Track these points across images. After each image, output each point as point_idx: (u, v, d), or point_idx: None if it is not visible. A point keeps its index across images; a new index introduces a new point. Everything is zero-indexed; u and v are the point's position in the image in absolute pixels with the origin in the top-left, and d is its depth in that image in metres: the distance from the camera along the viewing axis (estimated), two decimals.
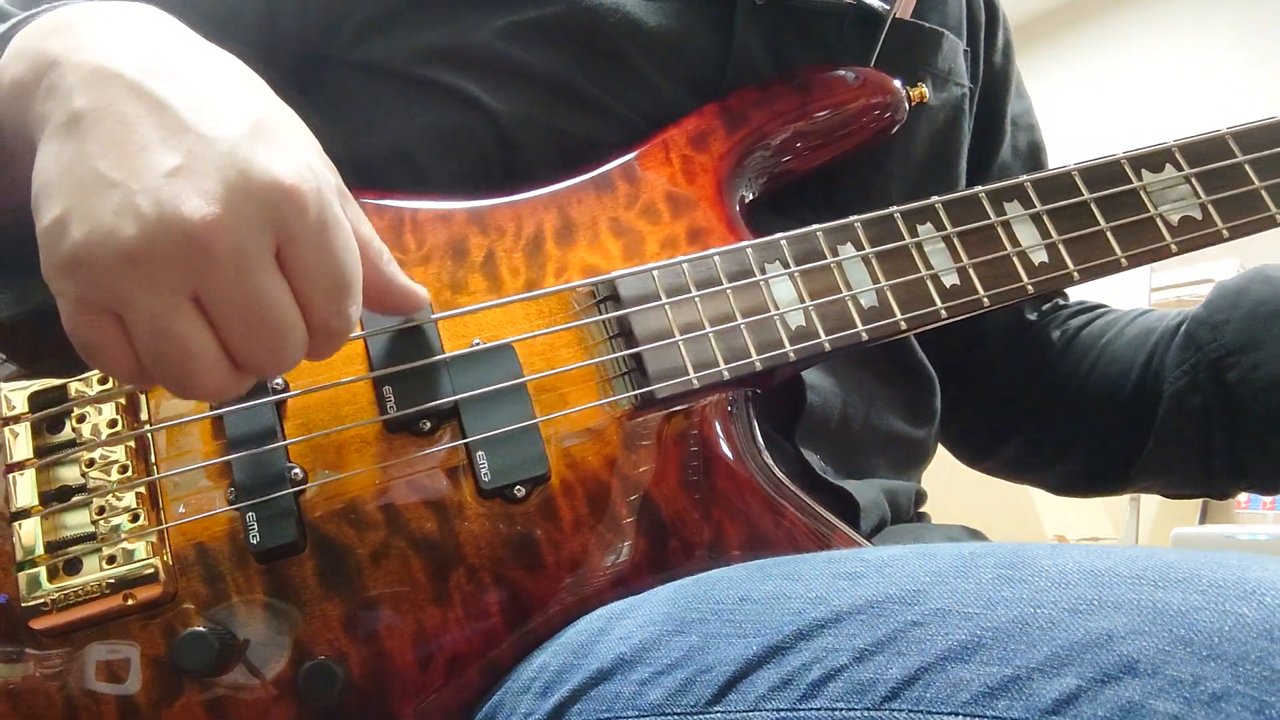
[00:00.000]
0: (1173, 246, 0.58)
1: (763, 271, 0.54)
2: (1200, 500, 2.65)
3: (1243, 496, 2.64)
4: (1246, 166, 0.59)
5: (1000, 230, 0.56)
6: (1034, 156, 0.79)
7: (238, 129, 0.38)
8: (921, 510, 0.71)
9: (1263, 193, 0.59)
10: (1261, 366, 0.64)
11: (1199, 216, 0.58)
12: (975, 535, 0.69)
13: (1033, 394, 0.75)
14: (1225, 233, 0.59)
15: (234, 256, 0.36)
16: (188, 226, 0.36)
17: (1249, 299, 0.66)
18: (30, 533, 0.47)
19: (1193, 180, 0.59)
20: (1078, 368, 0.75)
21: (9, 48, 0.42)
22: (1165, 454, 0.71)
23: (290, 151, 0.39)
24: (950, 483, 0.86)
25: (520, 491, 0.48)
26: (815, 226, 0.55)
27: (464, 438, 0.49)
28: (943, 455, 0.77)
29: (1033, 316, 0.79)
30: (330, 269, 0.39)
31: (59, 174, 0.37)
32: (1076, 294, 0.81)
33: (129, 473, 0.48)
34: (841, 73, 0.61)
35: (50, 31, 0.41)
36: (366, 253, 0.43)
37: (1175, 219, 0.58)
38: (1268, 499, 2.61)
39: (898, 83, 0.62)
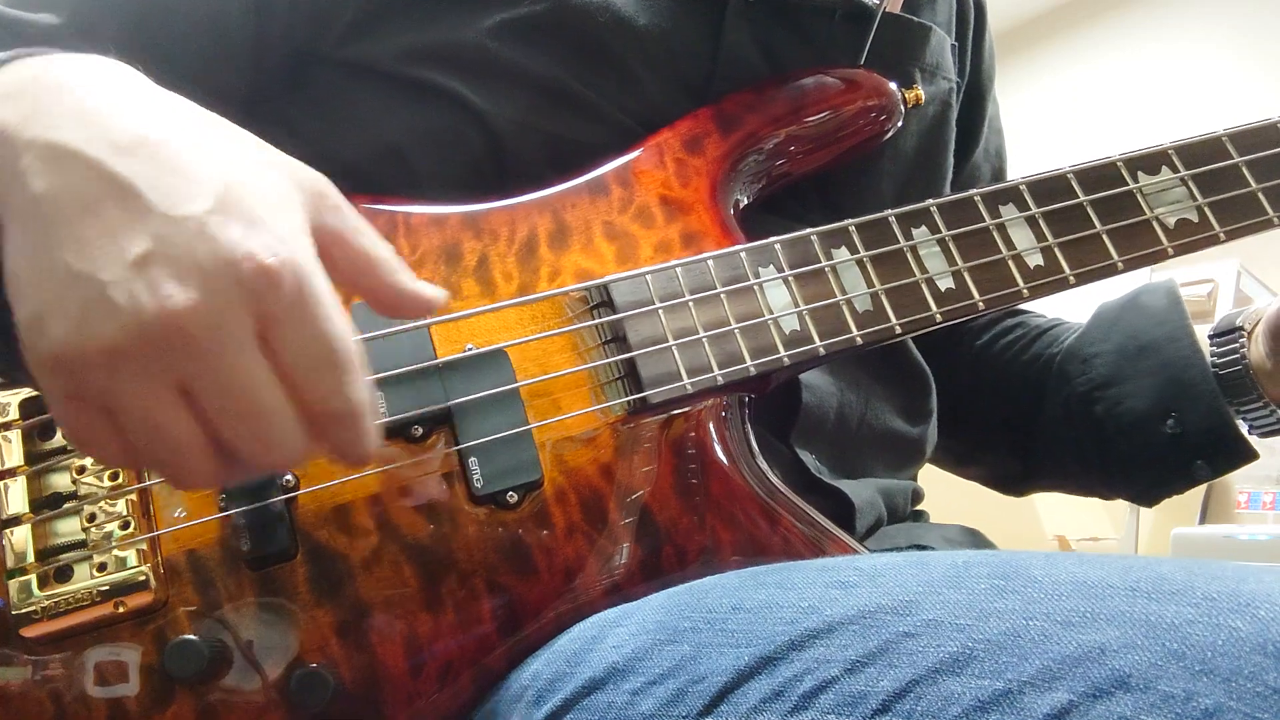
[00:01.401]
0: (1169, 250, 0.58)
1: (756, 276, 0.54)
2: (1200, 500, 2.65)
3: (1242, 496, 2.64)
4: (1243, 168, 0.59)
5: (996, 233, 0.56)
6: (999, 160, 0.81)
7: (204, 205, 0.36)
8: (919, 509, 0.71)
9: (1259, 194, 0.59)
10: (1126, 401, 0.67)
11: (1196, 219, 0.58)
12: (973, 535, 0.69)
13: (944, 403, 0.76)
14: (1222, 235, 0.59)
15: (213, 343, 0.35)
16: (163, 318, 0.34)
17: (1120, 331, 0.69)
18: (21, 540, 0.47)
19: (1189, 182, 0.58)
20: (980, 386, 0.78)
21: None
22: (1048, 473, 0.76)
23: (261, 222, 0.37)
24: (950, 481, 0.86)
25: (513, 497, 0.48)
26: (809, 230, 0.55)
27: (457, 443, 0.49)
28: None
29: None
30: (316, 345, 0.37)
31: (28, 266, 0.36)
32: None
33: (120, 480, 0.47)
34: (837, 75, 0.61)
35: (3, 97, 0.39)
36: (372, 267, 0.41)
37: (1172, 222, 0.58)
38: (1268, 498, 2.60)
39: (893, 85, 0.62)
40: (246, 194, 0.37)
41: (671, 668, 0.40)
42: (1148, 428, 0.66)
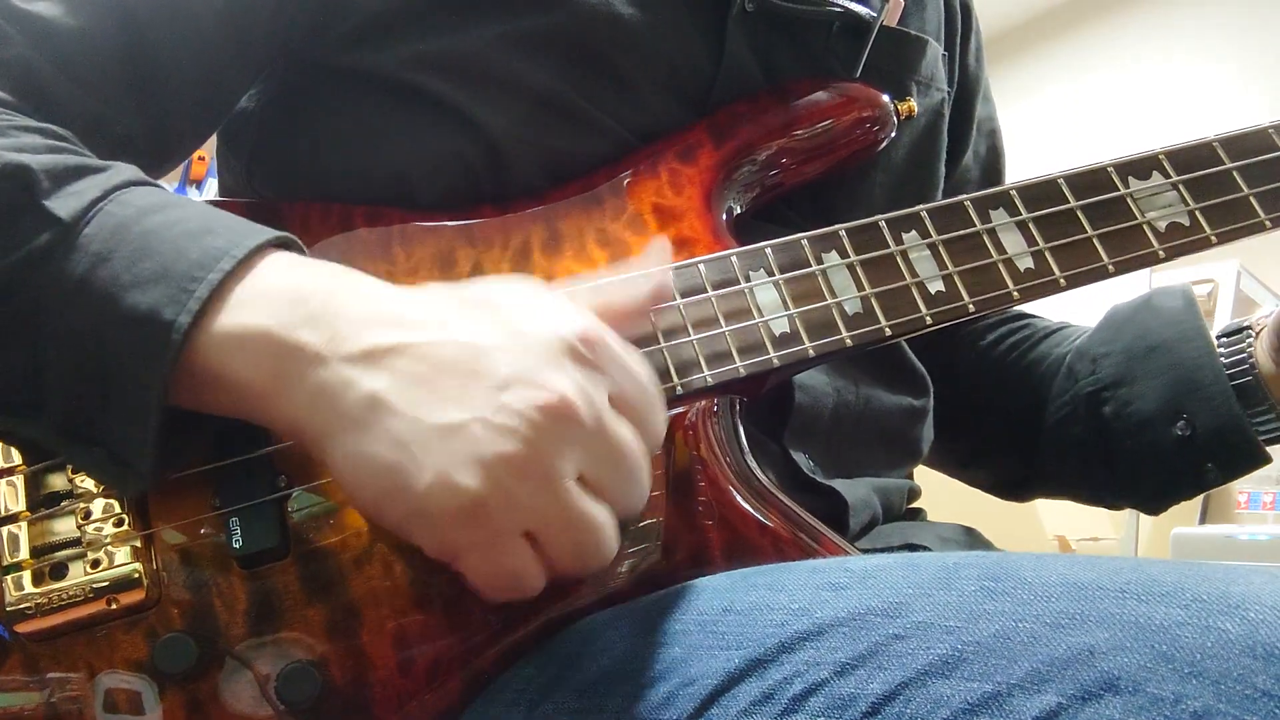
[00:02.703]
0: (1160, 253, 0.58)
1: (747, 279, 0.54)
2: (1200, 500, 2.66)
3: (1242, 496, 2.64)
4: (1234, 173, 0.59)
5: (986, 237, 0.56)
6: (992, 162, 0.80)
7: (517, 312, 0.42)
8: (915, 507, 0.71)
9: (1251, 199, 0.59)
10: (1134, 402, 0.66)
11: (1187, 223, 0.58)
12: (970, 534, 0.69)
13: (945, 404, 0.77)
14: (1213, 239, 0.59)
15: (595, 416, 0.40)
16: (551, 412, 0.39)
17: (1130, 331, 0.68)
18: (17, 538, 0.47)
19: (1180, 187, 0.59)
20: (984, 387, 0.78)
21: (235, 315, 0.41)
22: (1052, 477, 0.75)
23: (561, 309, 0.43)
24: (949, 480, 0.86)
25: None
26: (800, 235, 0.55)
27: None
28: None
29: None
30: (641, 379, 0.43)
31: (399, 452, 0.39)
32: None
33: None
34: (830, 87, 0.61)
35: (284, 315, 0.41)
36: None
37: (1163, 226, 0.58)
38: (1268, 498, 2.60)
39: (886, 97, 0.62)
40: (530, 336, 0.42)
41: (662, 670, 0.40)
42: (1157, 429, 0.65)
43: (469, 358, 0.40)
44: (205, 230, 0.43)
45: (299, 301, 0.42)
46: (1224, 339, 0.65)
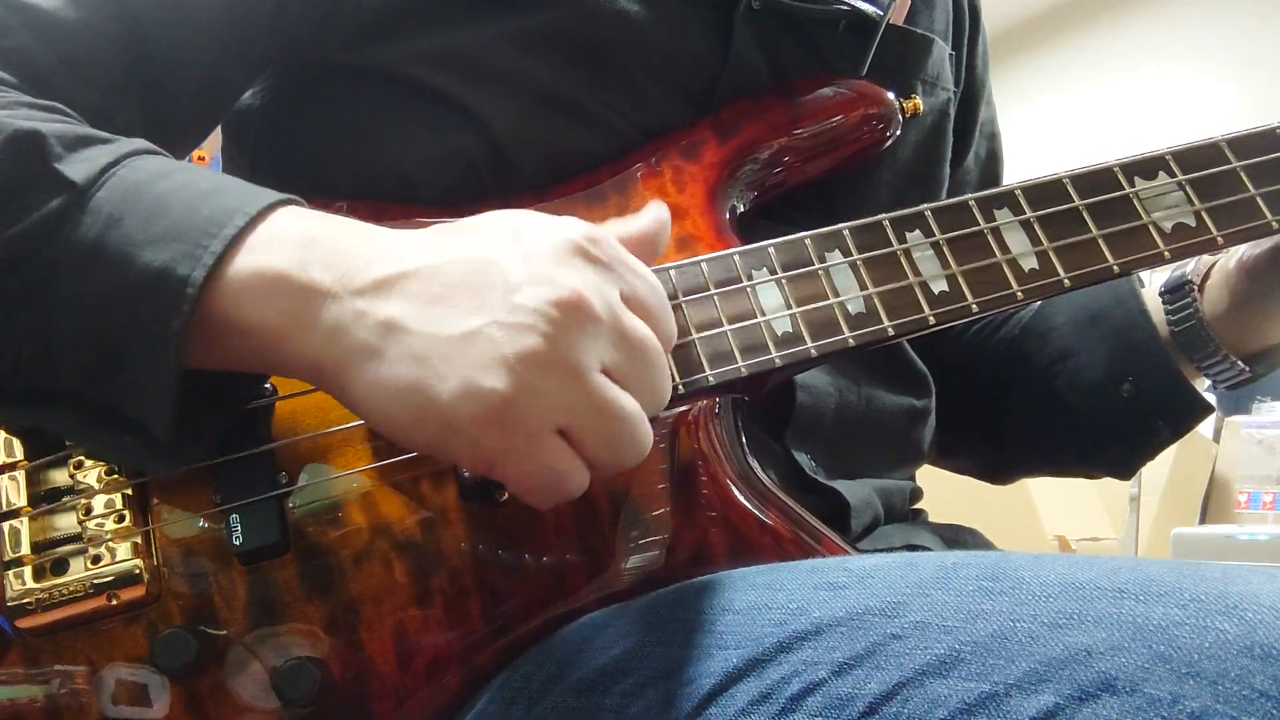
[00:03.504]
0: (1166, 254, 0.57)
1: (750, 278, 0.54)
2: (1200, 500, 2.65)
3: (1242, 496, 2.64)
4: (1241, 173, 0.59)
5: (990, 237, 0.56)
6: (991, 165, 0.80)
7: (516, 226, 0.42)
8: (917, 508, 0.71)
9: (1258, 199, 0.59)
10: (1082, 371, 0.67)
11: (1193, 224, 0.58)
12: (971, 534, 0.69)
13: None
14: (1220, 240, 0.58)
15: (608, 307, 0.40)
16: (565, 305, 0.39)
17: (1071, 302, 0.69)
18: (19, 533, 0.47)
19: (1186, 187, 0.58)
20: (953, 372, 0.77)
21: (248, 262, 0.41)
22: (1024, 457, 0.76)
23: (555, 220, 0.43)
24: (949, 481, 0.86)
25: (503, 495, 0.48)
26: (803, 234, 0.55)
27: None
28: None
29: None
30: (644, 272, 0.44)
31: (419, 368, 0.39)
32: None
33: (116, 475, 0.48)
34: (835, 85, 0.61)
35: (294, 255, 0.41)
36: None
37: (1168, 226, 0.58)
38: (1268, 498, 2.60)
39: (891, 95, 0.62)
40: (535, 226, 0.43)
41: (661, 670, 0.40)
42: (1106, 394, 0.66)
43: (478, 269, 0.40)
44: (217, 190, 0.43)
45: (309, 244, 0.42)
46: (1166, 295, 0.65)
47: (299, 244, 0.42)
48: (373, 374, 0.39)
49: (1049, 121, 3.48)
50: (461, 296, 0.40)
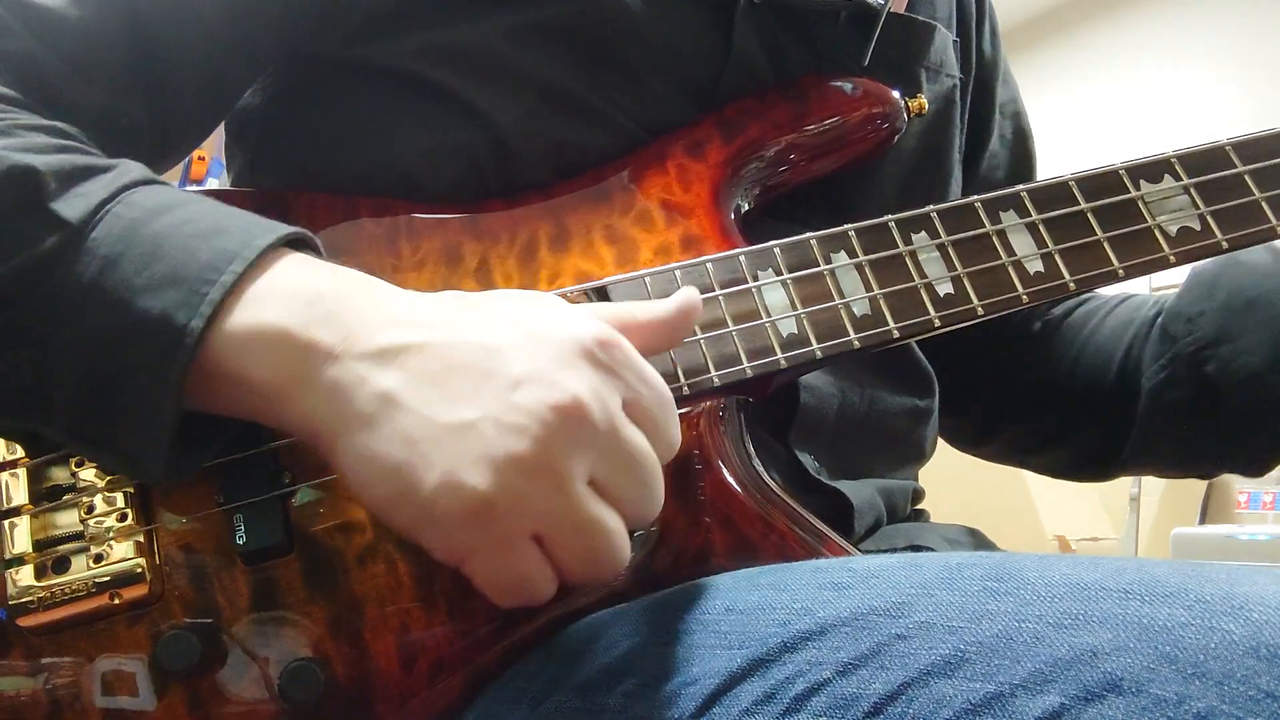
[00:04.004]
0: (1171, 258, 0.57)
1: (755, 279, 0.53)
2: (1200, 500, 2.65)
3: (1242, 496, 2.64)
4: (1246, 177, 0.59)
5: (996, 239, 0.56)
6: (1021, 143, 0.79)
7: (532, 317, 0.42)
8: (919, 508, 0.71)
9: (1263, 204, 0.58)
10: (1239, 358, 0.64)
11: (1198, 227, 0.58)
12: (974, 535, 0.69)
13: (1017, 385, 0.75)
14: (1225, 244, 0.58)
15: (607, 418, 0.39)
16: (562, 411, 0.38)
17: (1224, 287, 0.66)
18: (20, 531, 0.47)
19: (1191, 191, 0.58)
20: (1061, 360, 0.75)
21: (248, 316, 0.41)
22: (1150, 445, 0.71)
23: (574, 314, 0.42)
24: (949, 481, 0.86)
25: None
26: (809, 235, 0.55)
27: None
28: (942, 453, 0.77)
29: None
30: (656, 385, 0.43)
31: (408, 450, 0.38)
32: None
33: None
34: (841, 83, 0.61)
35: (300, 313, 0.41)
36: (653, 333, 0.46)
37: (1174, 230, 0.58)
38: (1268, 498, 2.60)
39: (896, 94, 0.61)
40: (545, 342, 0.41)
41: (665, 669, 0.40)
42: (1265, 382, 0.63)
43: (482, 357, 0.40)
44: (216, 230, 0.43)
45: (314, 301, 0.41)
46: None
47: (304, 299, 0.41)
48: (363, 445, 0.39)
49: (1049, 122, 3.48)
50: (462, 382, 0.39)
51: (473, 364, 0.39)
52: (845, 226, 0.55)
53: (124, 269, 0.41)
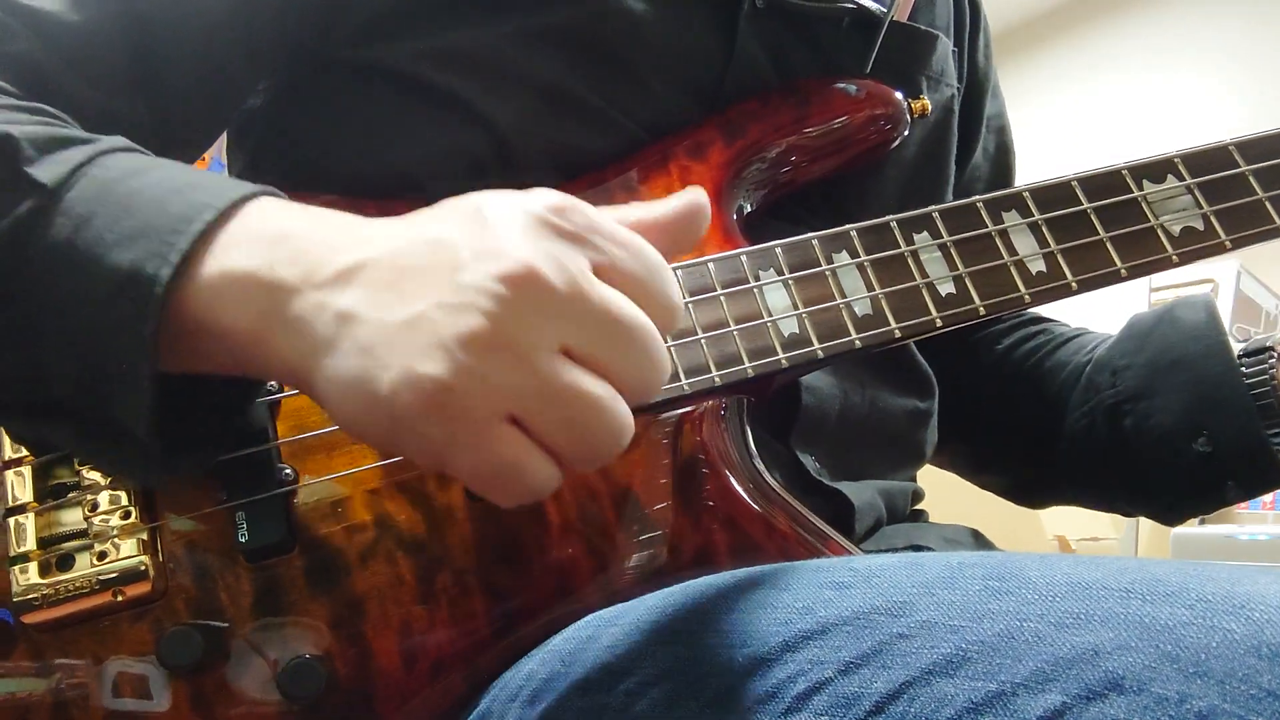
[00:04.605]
0: (1174, 258, 0.57)
1: (756, 279, 0.54)
2: None
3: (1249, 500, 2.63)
4: (1250, 177, 0.59)
5: (998, 239, 0.56)
6: (1002, 158, 0.80)
7: (478, 207, 0.39)
8: (919, 509, 0.71)
9: (1266, 203, 0.59)
10: (1155, 415, 0.66)
11: (1201, 227, 0.58)
12: (974, 535, 0.69)
13: (962, 408, 0.76)
14: (1228, 244, 0.58)
15: (567, 280, 0.36)
16: (511, 279, 0.35)
17: (1153, 344, 0.67)
18: (25, 528, 0.47)
19: (1195, 191, 0.58)
20: (1000, 392, 0.77)
21: (218, 262, 0.40)
22: (1067, 486, 0.75)
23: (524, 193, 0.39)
24: (949, 481, 0.86)
25: None
26: (811, 235, 0.55)
27: None
28: None
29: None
30: (634, 243, 0.39)
31: (364, 358, 0.36)
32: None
33: None
34: (843, 85, 0.61)
35: (265, 252, 0.40)
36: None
37: (1177, 230, 0.58)
38: (1268, 498, 2.60)
39: (899, 95, 0.62)
40: (489, 217, 0.39)
41: (666, 668, 0.40)
42: (1176, 444, 0.64)
43: (430, 251, 0.38)
44: (190, 186, 0.42)
45: (278, 241, 0.40)
46: (1245, 358, 0.64)
47: (269, 240, 0.40)
48: (330, 369, 0.37)
49: (1051, 122, 3.48)
50: (412, 281, 0.37)
51: (421, 261, 0.38)
52: (847, 226, 0.55)
53: (96, 226, 0.40)
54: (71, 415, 0.42)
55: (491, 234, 0.37)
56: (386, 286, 0.37)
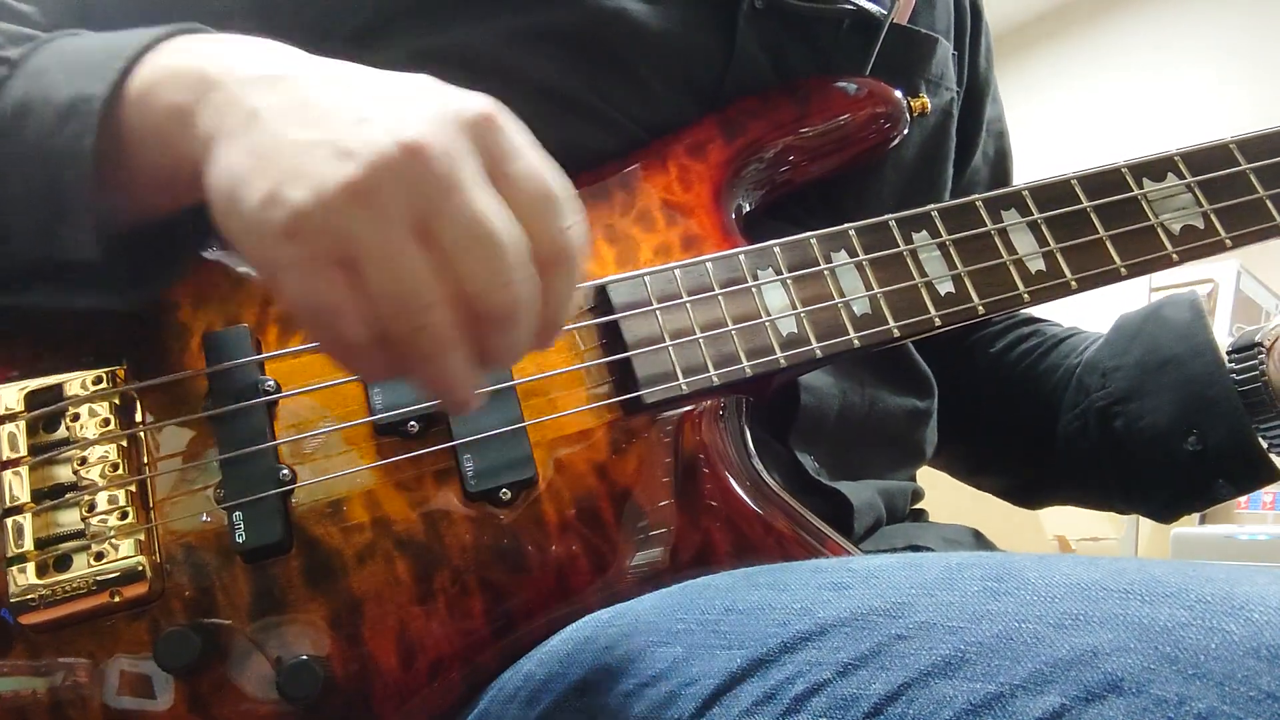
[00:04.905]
0: (1174, 256, 0.57)
1: (755, 278, 0.53)
2: None
3: (1242, 497, 2.63)
4: (1250, 175, 0.59)
5: (997, 238, 0.56)
6: (1000, 163, 0.80)
7: (417, 81, 0.40)
8: (918, 508, 0.71)
9: (1267, 202, 0.59)
10: (1146, 416, 0.66)
11: (1201, 226, 0.58)
12: (974, 535, 0.69)
13: (957, 411, 0.76)
14: (1228, 242, 0.58)
15: (450, 171, 0.37)
16: (401, 147, 0.36)
17: (1141, 344, 0.68)
18: (22, 529, 0.47)
19: (1195, 189, 0.58)
20: (995, 395, 0.78)
21: (147, 68, 0.43)
22: (1062, 486, 0.75)
23: (464, 91, 0.40)
24: (950, 481, 0.86)
25: (506, 495, 0.48)
26: (809, 234, 0.55)
27: (451, 440, 0.49)
28: None
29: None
30: (542, 177, 0.39)
31: (251, 159, 0.38)
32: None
33: (120, 471, 0.47)
34: (843, 84, 0.61)
35: (205, 55, 0.43)
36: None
37: (1177, 228, 0.58)
38: (1268, 498, 2.60)
39: (899, 94, 0.61)
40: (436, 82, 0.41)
41: (664, 669, 0.40)
42: (1168, 444, 0.65)
43: (346, 92, 0.40)
44: (135, 31, 0.45)
45: (214, 52, 0.43)
46: (1235, 354, 0.64)
47: (204, 51, 0.43)
48: (223, 154, 0.39)
49: (1053, 119, 3.48)
50: (319, 109, 0.39)
51: (335, 97, 0.39)
52: (845, 225, 0.55)
53: (51, 74, 0.44)
54: (37, 275, 0.45)
55: (410, 105, 0.39)
56: (298, 105, 0.39)
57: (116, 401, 0.48)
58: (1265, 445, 0.64)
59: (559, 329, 0.41)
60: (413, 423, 0.49)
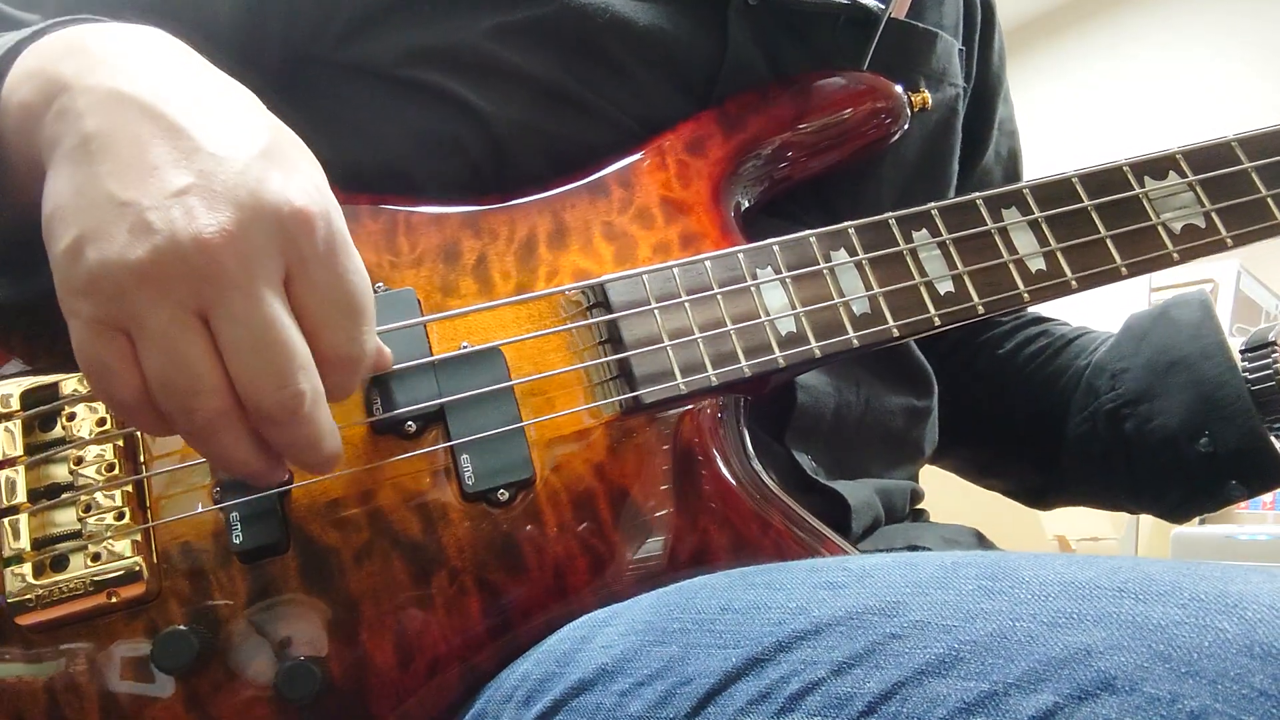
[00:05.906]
0: (1175, 255, 0.57)
1: (754, 277, 0.53)
2: None
3: (1256, 498, 2.62)
4: (1252, 173, 0.59)
5: (997, 237, 0.56)
6: (1012, 163, 0.80)
7: (249, 152, 0.39)
8: (919, 508, 0.71)
9: (1269, 201, 0.58)
10: (1156, 418, 0.65)
11: (1203, 225, 0.57)
12: (974, 534, 0.69)
13: (967, 412, 0.76)
14: (1229, 241, 0.58)
15: (242, 273, 0.37)
16: (198, 243, 0.37)
17: (1150, 345, 0.67)
18: (18, 529, 0.47)
19: (1196, 188, 0.58)
20: (1004, 397, 0.77)
21: (17, 66, 0.43)
22: (1071, 488, 0.75)
23: (300, 175, 0.40)
24: (950, 481, 0.86)
25: (504, 495, 0.48)
26: (809, 232, 0.55)
27: (449, 440, 0.49)
28: None
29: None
30: (341, 290, 0.40)
31: (71, 197, 0.38)
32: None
33: (116, 471, 0.48)
34: (842, 78, 0.61)
35: (62, 53, 0.42)
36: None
37: (1178, 227, 0.57)
38: (1268, 498, 2.59)
39: (899, 88, 0.61)
40: (288, 150, 0.41)
41: (659, 669, 0.40)
42: (1179, 446, 0.64)
43: (184, 151, 0.38)
44: (32, 26, 0.45)
45: (74, 38, 0.43)
46: (1247, 353, 0.64)
47: (66, 42, 0.43)
48: (52, 177, 0.39)
49: (1055, 116, 3.47)
50: (144, 164, 0.38)
51: (168, 152, 0.38)
52: (845, 224, 0.55)
53: None
54: None
55: (230, 188, 0.38)
56: (128, 145, 0.39)
57: None
58: (1278, 445, 0.64)
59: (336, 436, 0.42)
60: (410, 423, 0.49)
